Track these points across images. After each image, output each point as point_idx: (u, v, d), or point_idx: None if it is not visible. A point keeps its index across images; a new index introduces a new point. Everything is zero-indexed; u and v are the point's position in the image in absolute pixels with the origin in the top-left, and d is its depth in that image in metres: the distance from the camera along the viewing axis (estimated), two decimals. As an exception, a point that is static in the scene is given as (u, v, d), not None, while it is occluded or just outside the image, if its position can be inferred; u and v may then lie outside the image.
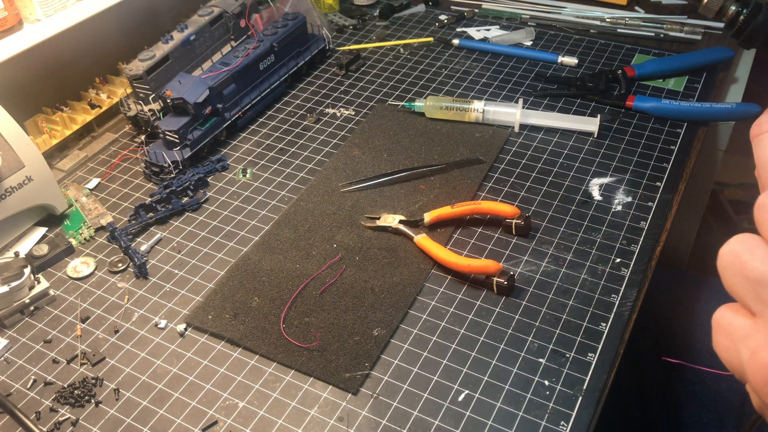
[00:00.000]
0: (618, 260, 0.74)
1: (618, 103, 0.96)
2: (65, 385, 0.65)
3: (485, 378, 0.64)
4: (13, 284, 0.71)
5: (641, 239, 0.76)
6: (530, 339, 0.67)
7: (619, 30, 1.14)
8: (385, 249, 0.77)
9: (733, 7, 0.43)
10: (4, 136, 0.77)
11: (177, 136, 0.88)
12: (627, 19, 1.15)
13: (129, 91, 0.97)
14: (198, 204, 0.85)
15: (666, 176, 0.85)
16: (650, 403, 0.87)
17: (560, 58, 1.07)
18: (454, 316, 0.70)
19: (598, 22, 1.16)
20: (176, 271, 0.77)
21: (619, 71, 1.00)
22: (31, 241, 0.81)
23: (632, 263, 0.74)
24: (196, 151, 0.90)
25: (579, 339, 0.66)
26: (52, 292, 0.74)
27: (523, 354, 0.66)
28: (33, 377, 0.66)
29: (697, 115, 0.93)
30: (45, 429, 0.62)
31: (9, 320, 0.71)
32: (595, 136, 0.91)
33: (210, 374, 0.66)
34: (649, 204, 0.81)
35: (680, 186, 0.84)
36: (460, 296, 0.72)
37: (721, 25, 1.13)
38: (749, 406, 0.79)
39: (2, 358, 0.69)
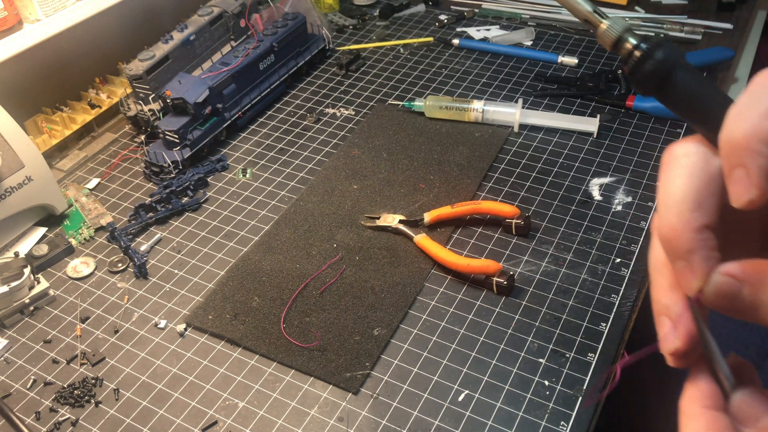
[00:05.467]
0: (618, 260, 0.74)
1: (618, 103, 0.96)
2: (65, 385, 0.65)
3: (485, 378, 0.64)
4: (13, 284, 0.71)
5: (641, 239, 0.76)
6: (530, 339, 0.67)
7: (619, 30, 1.14)
8: (385, 249, 0.77)
9: (631, 40, 0.36)
10: (4, 136, 0.77)
11: (177, 136, 0.88)
12: (627, 19, 1.15)
13: (129, 91, 0.97)
14: (198, 204, 0.85)
15: (666, 176, 0.85)
16: (650, 403, 0.86)
17: (560, 58, 1.07)
18: (454, 316, 0.70)
19: (598, 22, 1.16)
20: (176, 271, 0.77)
21: (619, 71, 1.00)
22: (31, 241, 0.81)
23: (632, 263, 0.74)
24: (196, 151, 0.90)
25: (579, 339, 0.66)
26: (52, 292, 0.74)
27: (523, 354, 0.65)
28: (33, 377, 0.66)
29: (697, 115, 0.93)
30: (45, 429, 0.62)
31: (9, 320, 0.71)
32: (595, 136, 0.91)
33: (210, 374, 0.66)
34: (649, 204, 0.81)
35: (680, 186, 0.84)
36: (460, 296, 0.72)
37: (721, 24, 1.13)
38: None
39: (2, 358, 0.69)
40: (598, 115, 0.92)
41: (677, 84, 0.35)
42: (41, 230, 0.83)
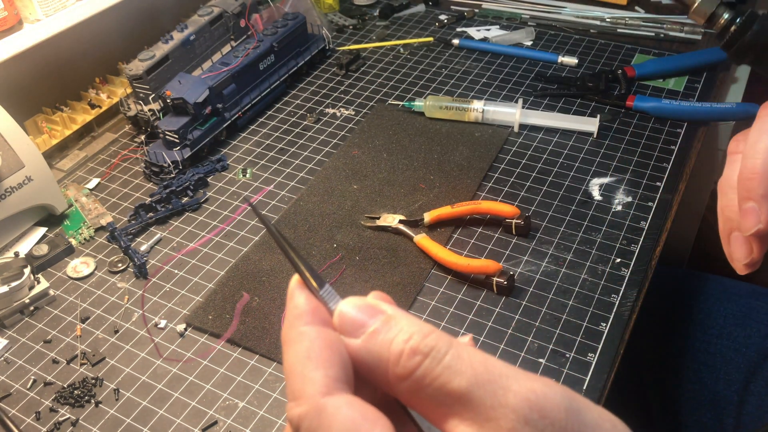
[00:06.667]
0: (618, 260, 0.74)
1: (618, 103, 0.96)
2: (65, 385, 0.65)
3: (485, 378, 0.63)
4: (13, 284, 0.71)
5: (641, 239, 0.76)
6: (530, 339, 0.67)
7: (619, 30, 1.14)
8: (385, 249, 0.77)
9: (726, 15, 0.39)
10: (4, 136, 0.77)
11: (177, 136, 0.88)
12: (627, 19, 1.15)
13: (129, 91, 0.97)
14: (198, 204, 0.85)
15: (666, 176, 0.85)
16: (650, 403, 0.87)
17: (560, 58, 1.07)
18: (454, 316, 0.70)
19: (598, 22, 1.16)
20: (176, 271, 0.77)
21: (619, 71, 1.00)
22: (31, 241, 0.81)
23: (632, 263, 0.74)
24: (196, 151, 0.90)
25: (579, 339, 0.66)
26: (52, 292, 0.74)
27: (523, 354, 0.65)
28: (33, 377, 0.66)
29: (697, 115, 0.93)
30: (45, 429, 0.62)
31: (9, 320, 0.71)
32: (595, 136, 0.91)
33: (210, 374, 0.66)
34: (649, 204, 0.81)
35: (680, 186, 0.84)
36: (460, 296, 0.72)
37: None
38: (748, 405, 0.79)
39: (2, 358, 0.69)
40: (598, 115, 0.92)
41: None
42: (41, 230, 0.83)
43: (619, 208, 0.81)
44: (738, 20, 0.37)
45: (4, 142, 0.77)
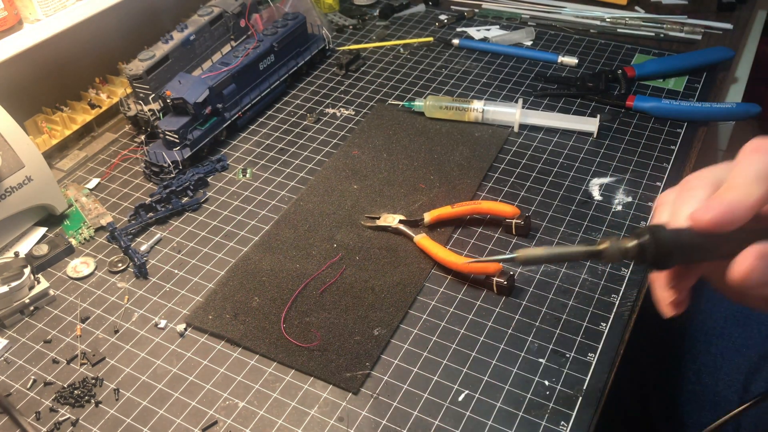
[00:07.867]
0: (618, 260, 0.74)
1: (618, 103, 0.96)
2: (65, 385, 0.65)
3: (485, 378, 0.64)
4: (13, 284, 0.71)
5: (641, 239, 0.76)
6: (530, 339, 0.67)
7: (619, 30, 1.14)
8: (385, 249, 0.77)
9: (632, 243, 0.44)
10: (4, 136, 0.77)
11: (177, 136, 0.88)
12: (627, 19, 1.15)
13: (129, 91, 0.97)
14: (198, 204, 0.85)
15: (666, 176, 0.85)
16: (650, 403, 0.86)
17: (560, 58, 1.07)
18: (454, 316, 0.70)
19: (598, 22, 1.16)
20: (176, 271, 0.77)
21: (619, 71, 1.00)
22: (31, 241, 0.81)
23: (632, 263, 0.74)
24: (196, 151, 0.90)
25: (579, 339, 0.66)
26: (52, 292, 0.74)
27: (523, 354, 0.65)
28: (33, 377, 0.66)
29: (697, 115, 0.93)
30: (45, 429, 0.62)
31: (9, 320, 0.71)
32: (595, 136, 0.91)
33: (210, 374, 0.66)
34: (649, 204, 0.81)
35: (680, 186, 0.84)
36: (460, 296, 0.72)
37: (721, 24, 1.13)
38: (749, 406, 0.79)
39: (2, 358, 0.69)
40: (598, 115, 0.92)
41: (689, 243, 0.43)
42: (41, 230, 0.83)
43: (619, 208, 0.81)
44: (645, 237, 0.42)
45: (4, 142, 0.77)
